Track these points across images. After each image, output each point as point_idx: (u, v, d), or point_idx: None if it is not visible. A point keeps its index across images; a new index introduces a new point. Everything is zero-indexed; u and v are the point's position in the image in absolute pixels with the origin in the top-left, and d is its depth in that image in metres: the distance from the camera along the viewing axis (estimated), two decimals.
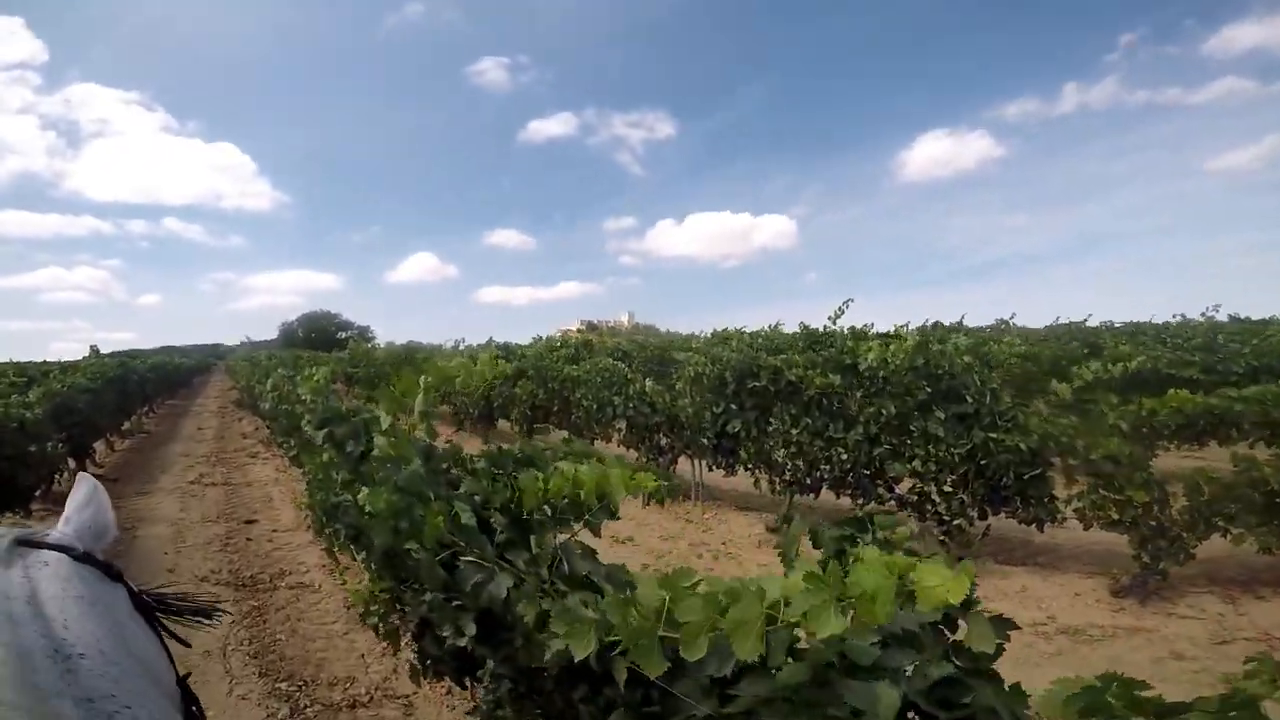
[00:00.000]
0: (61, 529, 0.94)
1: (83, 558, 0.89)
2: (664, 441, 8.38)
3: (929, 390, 5.93)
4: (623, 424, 8.67)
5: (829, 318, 11.71)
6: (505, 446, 2.48)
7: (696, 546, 6.81)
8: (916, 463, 5.93)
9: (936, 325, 13.76)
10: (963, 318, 13.63)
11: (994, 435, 5.46)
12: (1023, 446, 5.31)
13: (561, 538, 2.00)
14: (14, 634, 0.70)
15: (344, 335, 69.81)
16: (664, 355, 13.82)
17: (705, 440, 7.54)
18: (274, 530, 7.63)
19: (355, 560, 4.43)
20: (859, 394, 6.46)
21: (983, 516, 5.66)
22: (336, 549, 3.75)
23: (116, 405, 12.80)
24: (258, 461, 11.64)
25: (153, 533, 7.54)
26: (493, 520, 2.06)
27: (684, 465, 8.62)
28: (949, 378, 5.95)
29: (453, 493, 2.19)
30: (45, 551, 0.85)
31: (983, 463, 5.52)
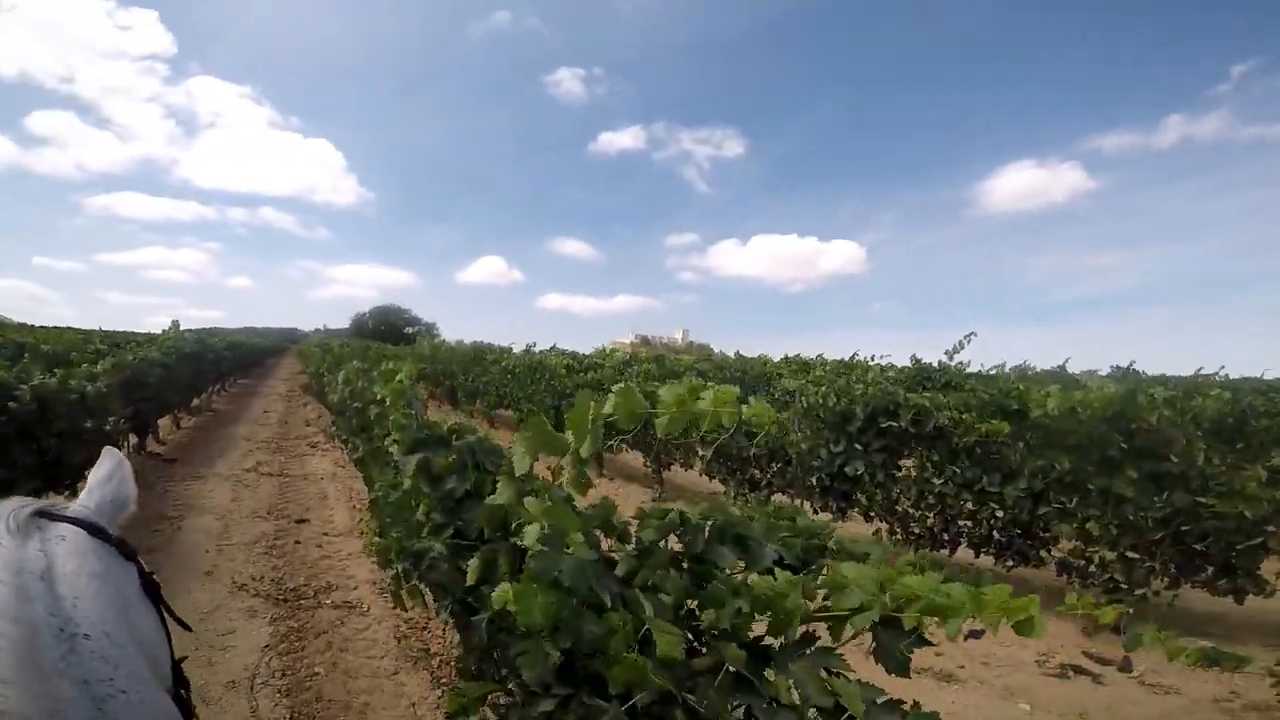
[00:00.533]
0: (83, 502, 0.94)
1: (100, 533, 0.89)
2: (756, 475, 7.32)
3: (1124, 446, 4.79)
4: (708, 452, 7.65)
5: (946, 352, 10.43)
6: (684, 509, 1.55)
7: None
8: (1092, 524, 4.93)
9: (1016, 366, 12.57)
10: (1065, 361, 12.09)
11: (1203, 500, 4.63)
12: (1247, 515, 4.47)
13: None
14: (24, 610, 0.71)
15: (411, 330, 71.61)
16: (762, 376, 12.73)
17: (815, 480, 6.44)
18: (324, 534, 6.95)
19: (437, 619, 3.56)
20: (1021, 444, 5.30)
21: (1173, 585, 5.01)
22: (406, 594, 2.87)
23: (189, 382, 12.64)
24: (317, 453, 11.16)
25: (199, 524, 6.97)
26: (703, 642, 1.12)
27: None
28: (1145, 433, 4.83)
29: (628, 590, 1.26)
30: (64, 525, 0.85)
31: (1183, 529, 4.72)
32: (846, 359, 15.45)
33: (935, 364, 10.12)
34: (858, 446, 6.08)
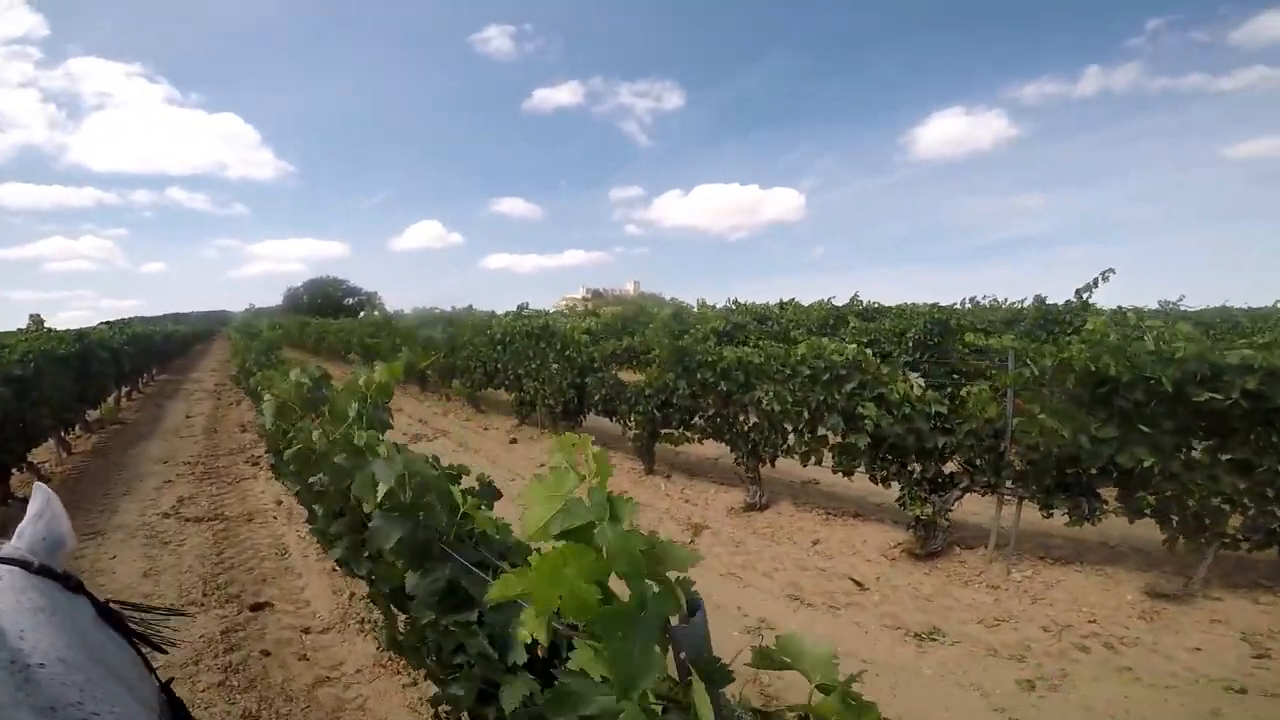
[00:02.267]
0: (14, 543, 0.90)
1: (40, 570, 0.85)
2: (916, 469, 5.10)
3: None
4: (860, 440, 5.34)
5: (1077, 291, 8.37)
6: None
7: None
8: None
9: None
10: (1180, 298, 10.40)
11: None
12: None
13: None
14: None
15: (350, 301, 66.60)
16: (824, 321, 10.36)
17: (1053, 476, 4.27)
18: (304, 630, 4.44)
19: None
20: None
21: None
22: None
23: (74, 393, 9.51)
24: (260, 476, 8.39)
25: None
26: None
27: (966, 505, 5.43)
28: None
29: None
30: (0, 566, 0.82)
31: None
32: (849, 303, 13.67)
33: (1060, 304, 8.10)
34: (1143, 429, 3.88)
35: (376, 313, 17.80)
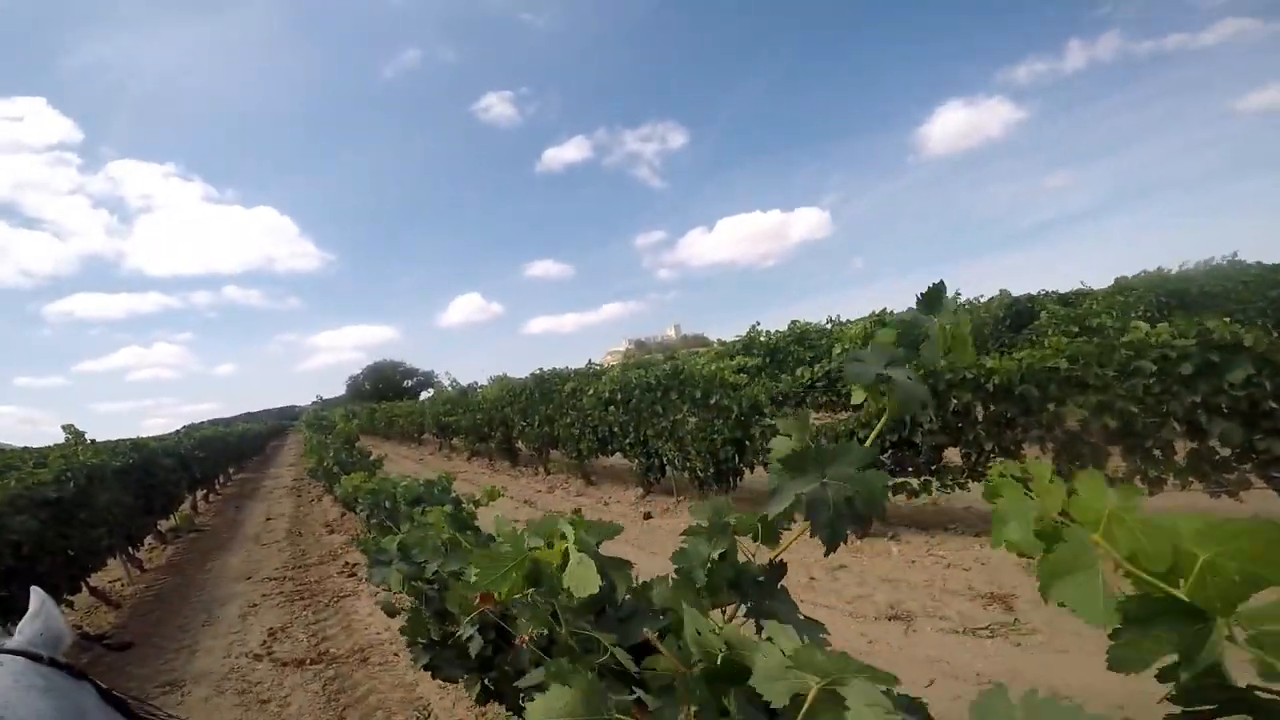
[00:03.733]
0: (15, 640, 0.94)
1: (46, 661, 0.90)
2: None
3: None
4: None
5: None
6: None
7: None
8: None
9: None
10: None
11: None
12: None
13: None
14: None
15: (409, 383, 67.08)
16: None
17: None
18: None
19: None
20: None
21: None
22: None
23: (136, 507, 8.25)
24: (361, 592, 6.79)
25: None
26: None
27: None
28: None
29: None
30: (2, 655, 0.88)
31: None
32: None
33: None
34: None
35: (449, 387, 16.48)
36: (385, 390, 59.06)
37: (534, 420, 11.32)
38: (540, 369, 12.43)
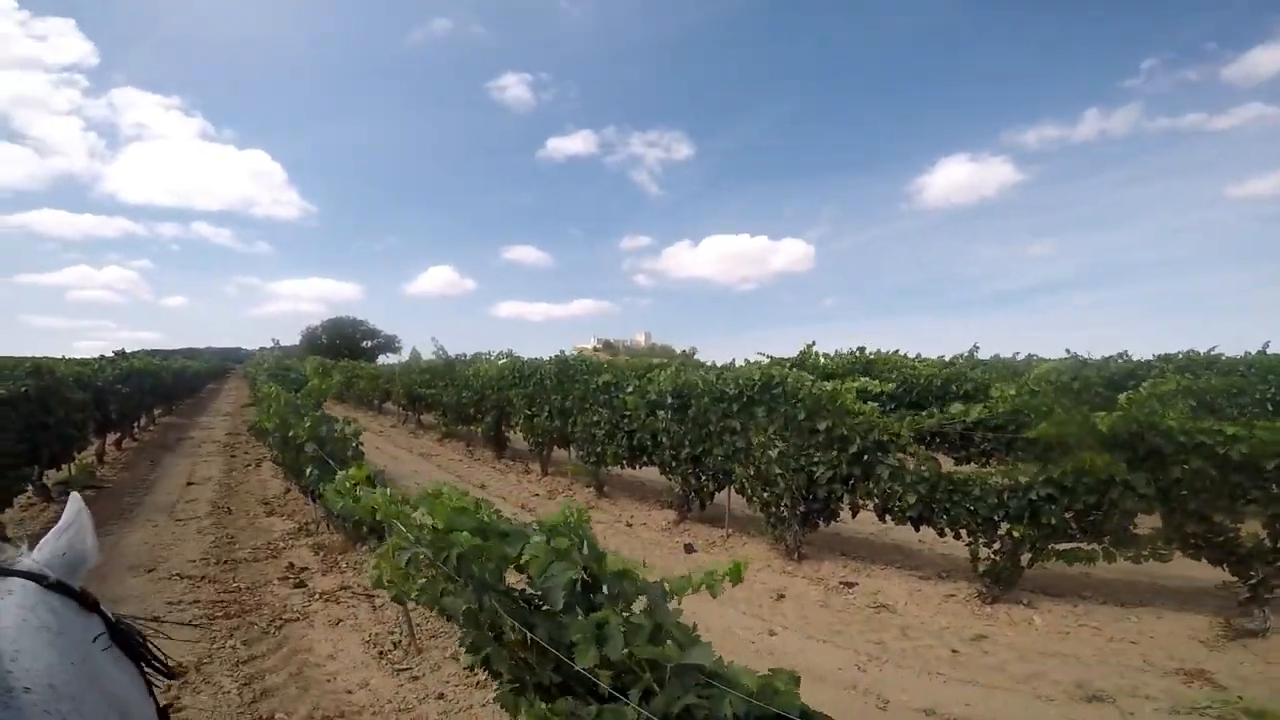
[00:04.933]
0: (34, 556, 0.86)
1: (55, 586, 0.81)
2: None
3: None
4: None
5: None
6: None
7: None
8: None
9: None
10: None
11: None
12: None
13: None
14: None
15: (369, 344, 63.60)
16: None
17: None
18: None
19: None
20: None
21: None
22: None
23: (19, 451, 6.01)
24: (316, 614, 4.79)
25: None
26: None
27: None
28: None
29: None
30: (11, 579, 0.78)
31: None
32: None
33: None
34: None
35: (435, 353, 14.26)
36: (343, 347, 55.58)
37: (545, 410, 9.31)
38: (561, 351, 10.37)
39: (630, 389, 7.81)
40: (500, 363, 11.28)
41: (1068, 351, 13.37)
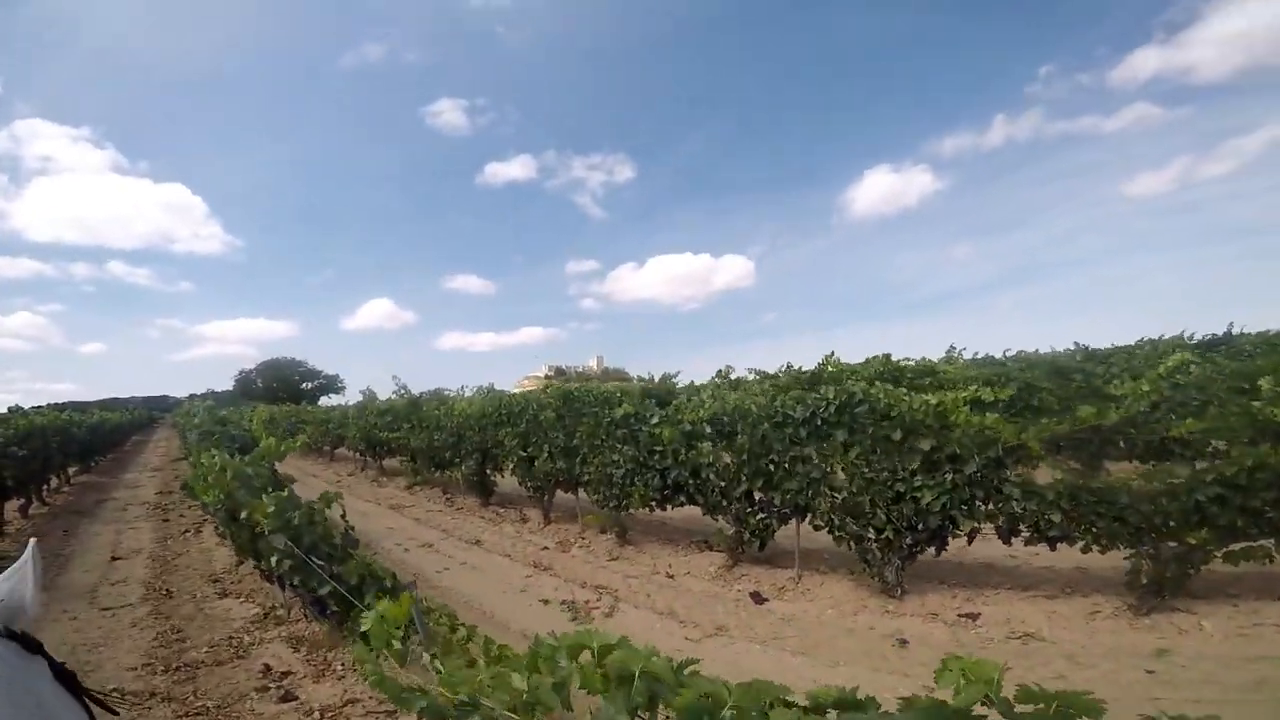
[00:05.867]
0: None
1: (2, 632, 0.83)
2: None
3: None
4: None
5: None
6: None
7: None
8: None
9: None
10: None
11: None
12: None
13: None
14: None
15: (309, 386, 60.13)
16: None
17: None
18: None
19: None
20: None
21: None
22: None
23: None
24: None
25: None
26: None
27: None
28: None
29: None
30: None
31: None
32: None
33: None
34: None
35: (397, 393, 12.84)
36: (279, 391, 52.11)
37: (544, 450, 8.13)
38: (566, 375, 9.24)
39: (655, 419, 6.78)
40: (479, 399, 10.02)
41: (1076, 344, 13.21)
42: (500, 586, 6.56)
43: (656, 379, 14.96)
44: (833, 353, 9.38)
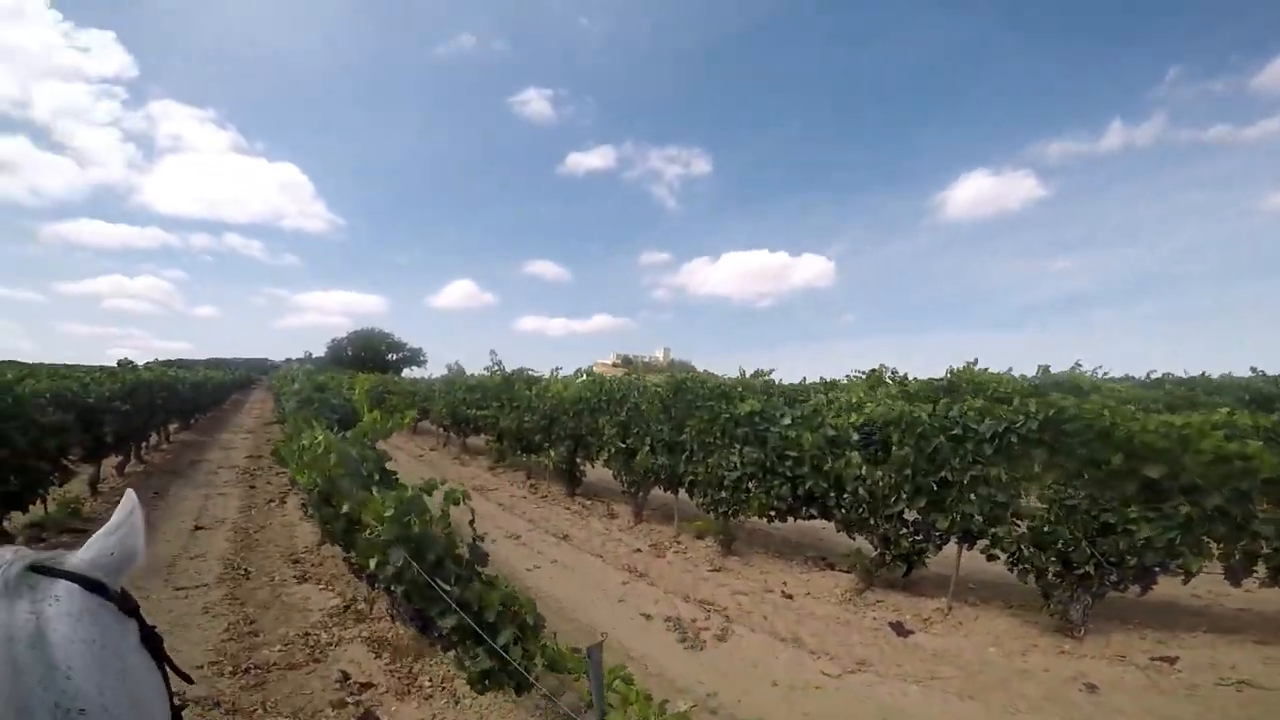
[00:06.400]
0: (81, 555, 0.85)
1: (96, 587, 0.81)
2: None
3: None
4: None
5: None
6: None
7: None
8: None
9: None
10: None
11: None
12: None
13: None
14: (14, 685, 0.68)
15: (394, 357, 62.24)
16: None
17: None
18: None
19: None
20: None
21: None
22: None
23: None
24: None
25: None
26: None
27: None
28: None
29: None
30: (60, 583, 0.78)
31: None
32: None
33: None
34: None
35: (493, 368, 12.30)
36: (368, 359, 54.13)
37: (646, 443, 7.26)
38: (632, 364, 8.39)
39: (787, 419, 5.76)
40: (579, 381, 9.25)
41: (1253, 369, 11.30)
42: (595, 593, 5.78)
43: (748, 374, 13.82)
44: (975, 360, 8.09)
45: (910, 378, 9.57)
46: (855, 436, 5.32)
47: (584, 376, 9.33)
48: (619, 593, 5.80)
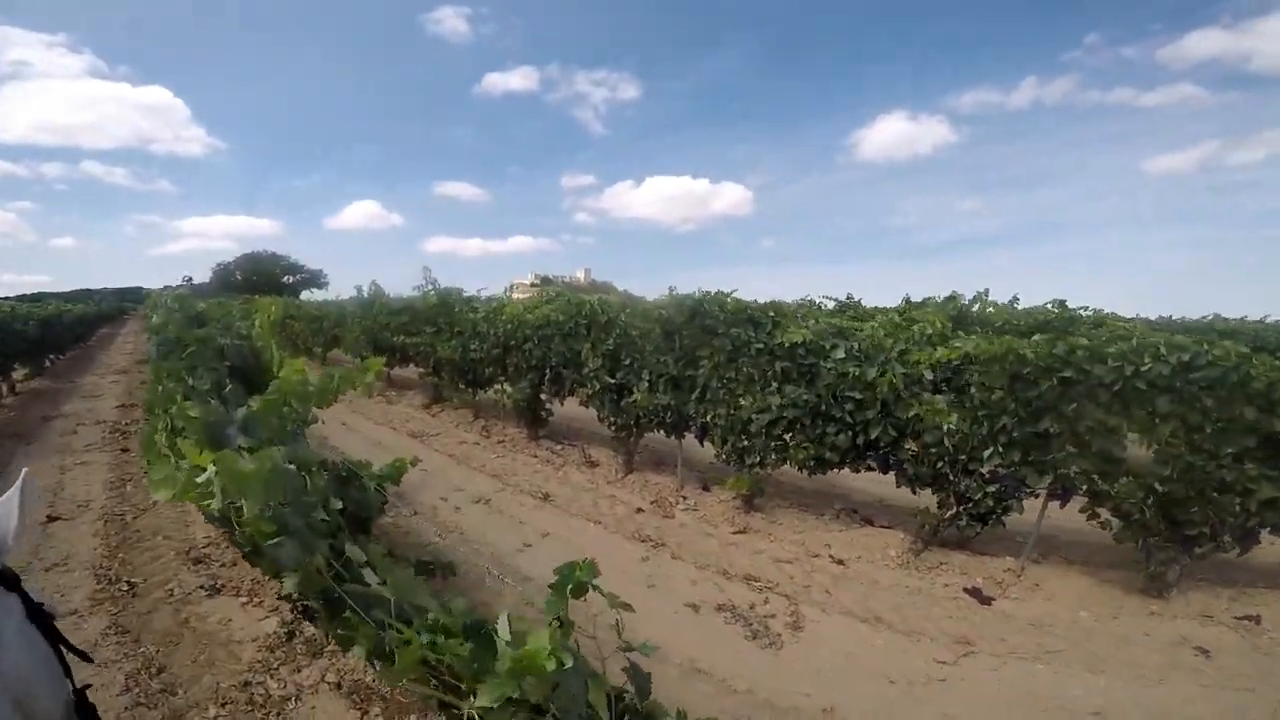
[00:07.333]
0: None
1: None
2: None
3: None
4: None
5: None
6: None
7: None
8: None
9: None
10: None
11: None
12: None
13: None
14: None
15: (290, 280, 56.68)
16: None
17: None
18: None
19: None
20: None
21: None
22: None
23: None
24: None
25: None
26: None
27: None
28: None
29: None
30: None
31: None
32: None
33: None
34: None
35: (427, 286, 10.40)
36: (260, 284, 48.78)
37: (645, 378, 5.96)
38: (552, 284, 6.97)
39: (841, 353, 4.61)
40: (546, 303, 7.68)
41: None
42: (613, 576, 4.59)
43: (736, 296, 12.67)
44: (987, 290, 7.29)
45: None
46: (929, 375, 4.28)
47: (553, 296, 7.76)
48: (642, 573, 4.68)
